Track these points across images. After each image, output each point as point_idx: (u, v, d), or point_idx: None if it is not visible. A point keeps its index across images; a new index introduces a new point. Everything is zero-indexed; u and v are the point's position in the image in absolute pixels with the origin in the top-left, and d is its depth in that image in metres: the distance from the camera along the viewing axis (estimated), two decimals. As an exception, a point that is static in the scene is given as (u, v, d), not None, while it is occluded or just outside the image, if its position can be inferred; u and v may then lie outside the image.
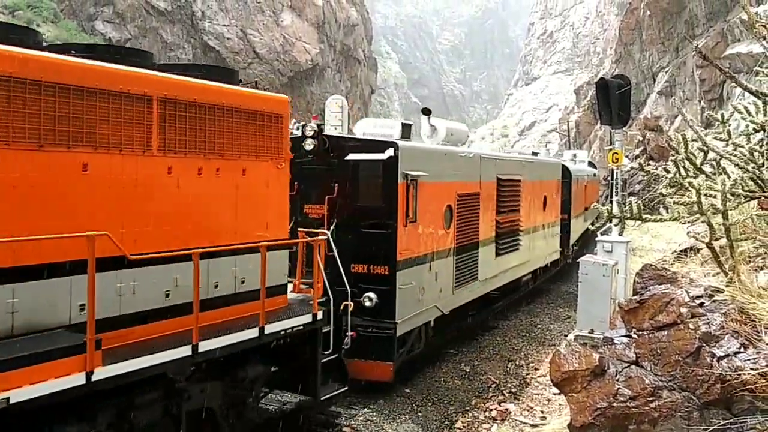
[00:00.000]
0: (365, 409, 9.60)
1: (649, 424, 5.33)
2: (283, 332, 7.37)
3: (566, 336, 13.43)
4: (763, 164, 7.12)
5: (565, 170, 20.44)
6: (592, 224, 23.79)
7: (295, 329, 7.53)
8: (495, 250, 13.61)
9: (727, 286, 6.26)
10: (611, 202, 13.09)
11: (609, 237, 12.47)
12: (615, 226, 11.57)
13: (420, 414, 9.74)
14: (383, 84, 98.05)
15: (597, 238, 12.45)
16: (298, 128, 10.17)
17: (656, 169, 8.03)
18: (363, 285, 9.54)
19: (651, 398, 5.38)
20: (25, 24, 33.04)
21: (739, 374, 5.05)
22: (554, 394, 9.93)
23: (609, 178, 20.16)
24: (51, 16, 36.13)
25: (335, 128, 10.70)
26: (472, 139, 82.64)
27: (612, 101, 12.77)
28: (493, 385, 11.13)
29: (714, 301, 5.85)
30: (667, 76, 42.29)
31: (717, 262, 6.94)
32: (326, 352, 8.23)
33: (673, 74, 41.76)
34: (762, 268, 7.08)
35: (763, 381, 4.93)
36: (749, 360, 5.16)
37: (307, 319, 7.70)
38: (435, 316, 10.97)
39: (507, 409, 9.96)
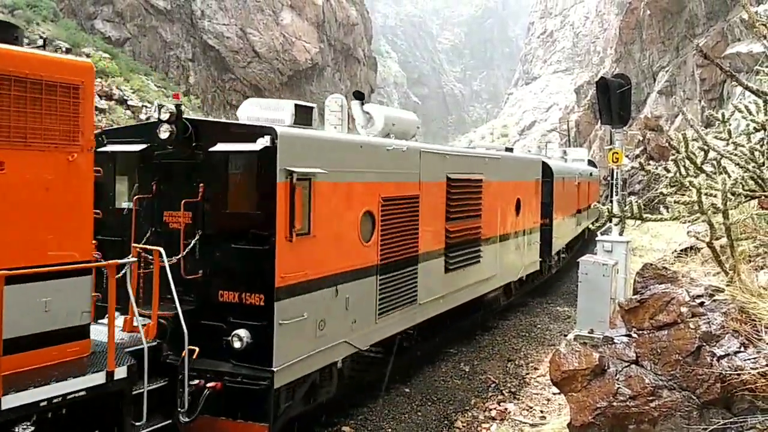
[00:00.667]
0: (364, 408, 9.60)
1: (649, 424, 5.32)
2: (45, 403, 5.09)
3: (566, 336, 13.42)
4: (763, 163, 7.11)
5: (546, 168, 18.07)
6: (593, 224, 23.29)
7: (70, 397, 5.25)
8: (444, 264, 11.16)
9: (727, 285, 6.25)
10: (611, 201, 13.10)
11: (609, 237, 12.48)
12: (615, 225, 11.57)
13: (419, 413, 9.73)
14: (383, 83, 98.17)
15: (597, 238, 12.44)
16: (155, 110, 8.05)
17: (656, 168, 8.02)
18: (234, 319, 7.27)
19: (651, 398, 5.37)
20: (25, 23, 33.04)
21: (739, 374, 5.03)
22: (554, 393, 9.92)
23: (609, 178, 20.15)
24: (50, 15, 36.10)
25: (335, 128, 10.02)
26: (471, 139, 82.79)
27: (612, 101, 12.78)
28: (493, 385, 11.13)
29: (714, 300, 5.84)
30: (668, 76, 42.31)
31: (717, 262, 6.92)
32: (138, 423, 6.02)
33: (674, 74, 41.78)
34: (762, 268, 7.06)
35: (763, 380, 4.92)
36: (749, 359, 5.15)
37: (96, 379, 5.47)
38: (345, 354, 8.57)
39: (506, 409, 9.95)
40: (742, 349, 5.27)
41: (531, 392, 10.70)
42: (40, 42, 6.43)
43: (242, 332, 7.17)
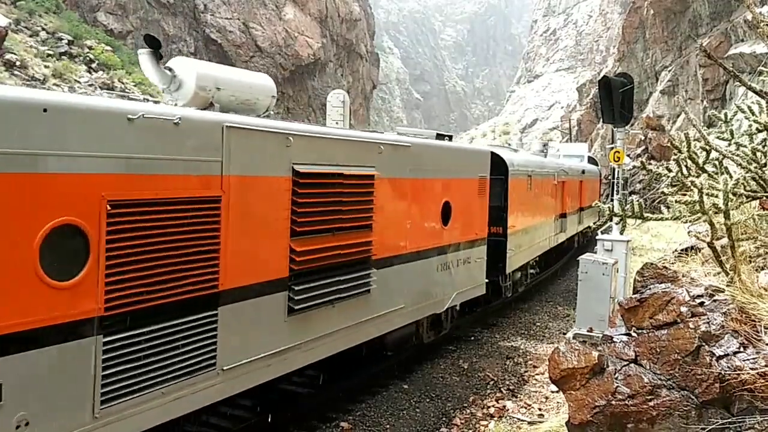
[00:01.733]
0: (363, 404, 9.61)
1: (647, 423, 5.33)
2: None
3: (565, 334, 13.43)
4: (765, 164, 7.11)
5: (498, 162, 14.12)
6: (593, 224, 22.83)
7: None
8: (286, 303, 7.35)
9: (727, 285, 6.25)
10: (612, 200, 13.12)
11: (609, 236, 12.50)
12: (616, 224, 11.58)
13: (418, 410, 9.74)
14: (385, 79, 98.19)
15: (597, 237, 12.46)
16: None
17: (658, 168, 8.01)
18: None
19: (650, 397, 5.38)
20: (28, 14, 32.98)
21: (739, 374, 5.04)
22: (552, 391, 9.94)
23: (610, 177, 20.14)
24: (53, 7, 36.05)
25: (337, 124, 9.92)
26: (472, 136, 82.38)
27: (614, 100, 12.80)
28: (491, 382, 11.14)
29: (714, 300, 5.84)
30: (670, 75, 42.31)
31: (718, 262, 6.92)
32: None
33: (676, 73, 41.78)
34: (763, 269, 7.07)
35: (763, 381, 4.93)
36: (749, 360, 5.15)
37: None
38: None
39: (505, 406, 9.96)
40: (742, 349, 5.27)
41: (530, 390, 10.71)
42: None
43: None
